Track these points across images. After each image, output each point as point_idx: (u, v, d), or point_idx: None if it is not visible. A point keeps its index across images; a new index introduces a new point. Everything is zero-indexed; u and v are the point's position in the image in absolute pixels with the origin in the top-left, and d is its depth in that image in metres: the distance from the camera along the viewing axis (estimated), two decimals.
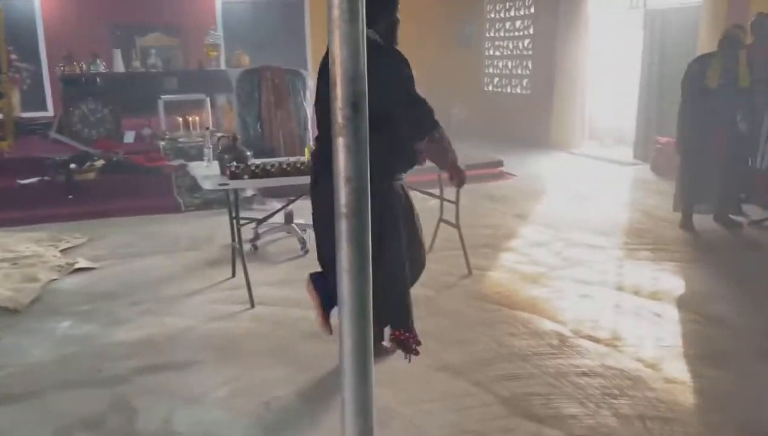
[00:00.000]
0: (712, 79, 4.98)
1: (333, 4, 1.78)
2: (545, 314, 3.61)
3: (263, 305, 3.79)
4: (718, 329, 3.41)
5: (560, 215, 5.76)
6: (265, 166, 3.70)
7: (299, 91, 5.05)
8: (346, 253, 2.03)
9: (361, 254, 2.08)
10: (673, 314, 3.61)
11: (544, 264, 4.47)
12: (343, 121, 1.86)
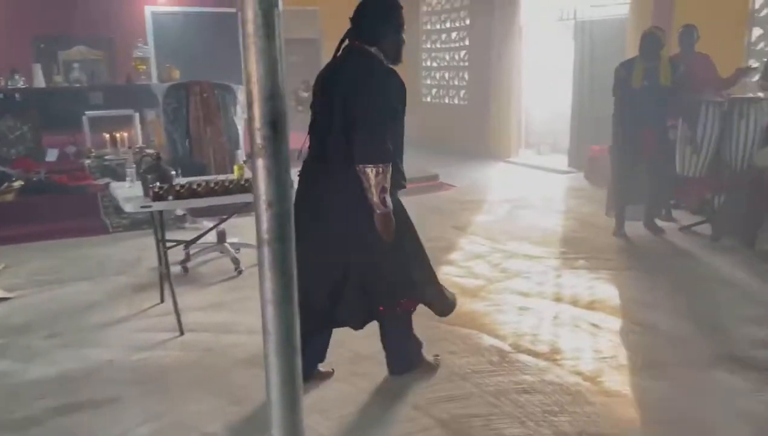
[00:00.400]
0: (636, 80, 5.10)
1: (248, 19, 1.65)
2: (485, 329, 3.56)
3: (193, 332, 3.60)
4: (654, 338, 3.44)
5: (498, 226, 5.77)
6: (192, 186, 3.52)
7: (229, 106, 4.87)
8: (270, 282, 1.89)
9: (287, 283, 1.95)
10: (610, 323, 3.62)
11: (483, 277, 4.44)
12: (262, 142, 1.73)
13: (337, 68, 2.67)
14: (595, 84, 8.60)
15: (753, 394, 2.83)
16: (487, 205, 6.66)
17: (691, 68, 5.45)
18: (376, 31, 2.63)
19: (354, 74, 2.58)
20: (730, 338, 3.38)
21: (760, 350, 3.24)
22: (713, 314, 3.72)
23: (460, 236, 5.47)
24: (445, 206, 6.57)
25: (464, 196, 7.12)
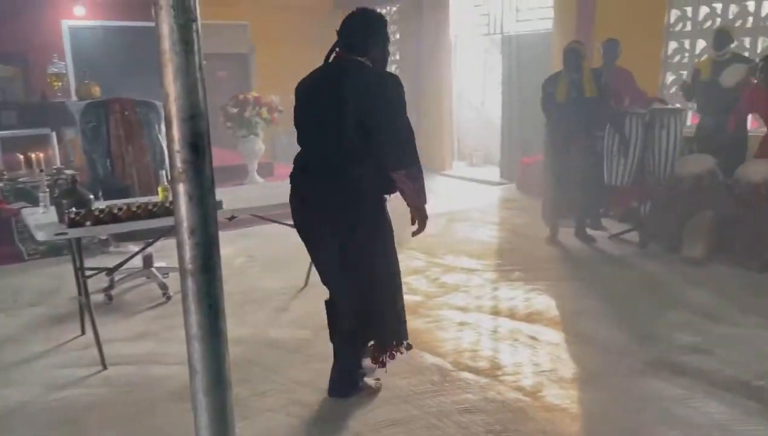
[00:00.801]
0: (561, 93, 5.22)
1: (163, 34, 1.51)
2: (426, 348, 3.50)
3: (117, 366, 3.37)
4: (591, 348, 3.47)
5: (435, 239, 5.75)
6: (112, 210, 3.31)
7: (153, 124, 4.65)
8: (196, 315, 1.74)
9: (213, 316, 1.80)
10: (548, 335, 3.63)
11: (422, 292, 4.39)
12: (183, 166, 1.59)
13: (332, 77, 2.67)
14: (523, 96, 8.78)
15: (686, 401, 2.87)
16: None
17: (612, 81, 5.61)
18: (367, 43, 2.68)
19: (360, 82, 2.59)
20: (661, 345, 3.45)
21: (690, 355, 3.31)
22: (645, 321, 3.79)
23: (398, 252, 5.40)
24: None
25: (399, 209, 7.06)
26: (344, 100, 2.56)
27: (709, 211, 4.90)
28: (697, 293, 4.21)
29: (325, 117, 2.62)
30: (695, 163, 5.15)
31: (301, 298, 4.35)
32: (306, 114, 2.75)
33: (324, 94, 2.66)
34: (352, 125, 2.55)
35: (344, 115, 2.55)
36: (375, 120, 2.54)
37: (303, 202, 2.77)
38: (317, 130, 2.68)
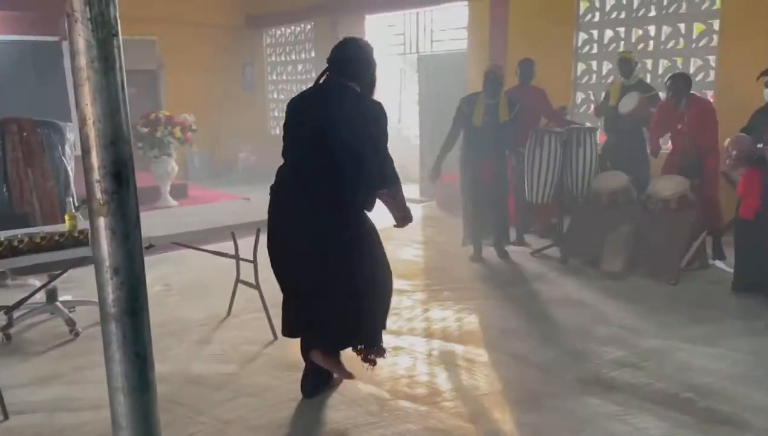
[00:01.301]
0: (478, 117, 5.32)
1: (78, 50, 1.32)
2: (361, 376, 3.37)
3: (21, 415, 3.03)
4: (525, 368, 3.46)
5: None
6: (12, 242, 2.99)
7: (56, 145, 4.29)
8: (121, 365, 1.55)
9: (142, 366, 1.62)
10: (482, 356, 3.61)
11: None
12: (104, 197, 1.41)
13: (325, 99, 2.83)
14: (440, 115, 8.88)
15: (622, 417, 2.90)
16: None
17: (527, 100, 5.76)
18: (360, 70, 2.89)
19: (350, 107, 2.79)
20: (592, 361, 3.49)
21: (619, 370, 3.37)
22: (574, 337, 3.84)
23: None
24: None
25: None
26: (334, 122, 2.74)
27: (626, 226, 5.09)
28: (620, 308, 4.33)
29: (315, 135, 2.77)
30: (611, 179, 5.35)
31: (225, 328, 4.12)
32: (296, 130, 2.89)
33: (315, 113, 2.82)
34: (339, 145, 2.72)
35: (333, 135, 2.72)
36: (362, 145, 2.75)
37: (283, 214, 2.88)
38: (306, 147, 2.82)
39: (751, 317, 4.08)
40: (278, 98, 12.04)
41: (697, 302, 4.40)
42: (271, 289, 4.48)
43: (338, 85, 2.85)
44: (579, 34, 7.41)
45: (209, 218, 4.00)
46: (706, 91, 6.45)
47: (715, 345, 3.66)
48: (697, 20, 6.49)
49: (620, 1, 7.01)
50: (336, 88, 2.85)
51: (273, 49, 12.02)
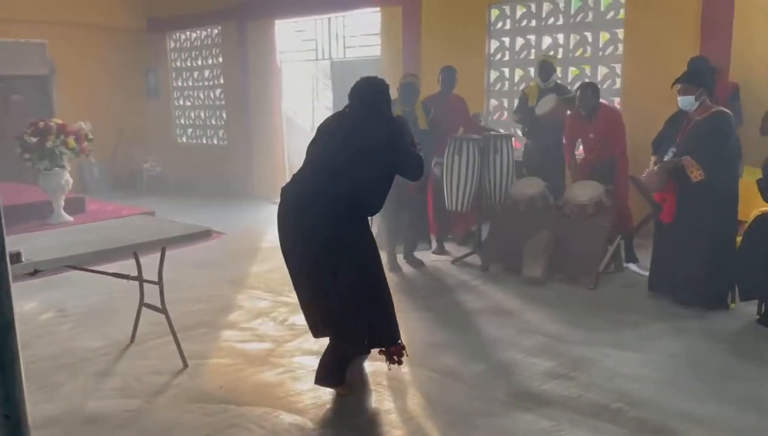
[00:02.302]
0: None
1: None
2: (281, 404, 3.12)
3: None
4: (454, 385, 3.33)
5: (278, 275, 5.36)
6: None
7: None
8: None
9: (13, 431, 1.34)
10: (410, 374, 3.44)
11: (270, 338, 4.00)
12: None
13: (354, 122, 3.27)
14: None
15: (554, 433, 2.81)
16: (262, 253, 6.23)
17: (449, 108, 5.70)
18: (383, 109, 3.34)
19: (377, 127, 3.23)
20: (521, 374, 3.41)
21: (548, 382, 3.30)
22: (501, 349, 3.75)
23: (237, 292, 4.96)
24: (215, 258, 5.98)
25: (236, 244, 6.61)
26: (365, 140, 3.16)
27: (544, 232, 5.10)
28: (543, 315, 4.30)
29: (344, 151, 3.16)
30: (528, 185, 5.36)
31: (128, 358, 3.74)
32: (325, 145, 3.26)
33: (346, 133, 3.23)
34: (367, 160, 3.12)
35: (363, 153, 3.13)
36: (394, 154, 3.21)
37: (297, 218, 3.14)
38: (333, 160, 3.17)
39: (669, 319, 4.15)
40: (184, 105, 11.49)
41: (617, 306, 4.45)
42: (179, 312, 4.17)
43: (366, 114, 3.28)
44: (491, 41, 7.47)
45: (108, 235, 3.61)
46: (613, 98, 6.64)
47: (639, 350, 3.68)
48: (602, 29, 6.67)
49: (530, 10, 7.11)
50: (362, 113, 3.29)
51: (178, 54, 11.45)
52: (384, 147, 3.16)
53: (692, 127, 4.22)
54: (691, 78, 4.20)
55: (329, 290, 3.12)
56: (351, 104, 3.35)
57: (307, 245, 3.11)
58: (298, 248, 3.18)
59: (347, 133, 3.23)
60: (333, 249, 3.06)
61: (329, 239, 3.05)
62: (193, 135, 11.43)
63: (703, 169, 4.08)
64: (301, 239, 3.13)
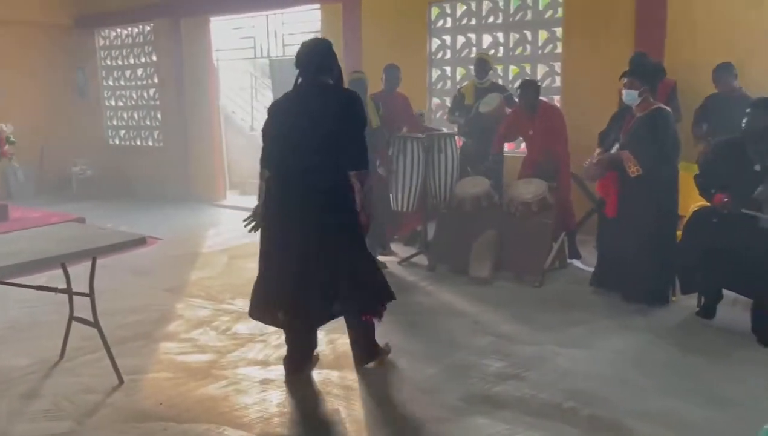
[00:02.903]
0: None
1: None
2: (225, 420, 2.96)
3: None
4: (406, 390, 3.23)
5: (219, 281, 5.17)
6: None
7: None
8: None
9: None
10: (361, 382, 3.33)
11: (212, 349, 3.81)
12: None
13: (312, 98, 3.20)
14: None
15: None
16: (201, 259, 5.98)
17: (394, 107, 5.63)
18: (328, 65, 3.24)
19: (334, 101, 3.18)
20: (474, 376, 3.35)
21: (501, 384, 3.25)
22: (452, 350, 3.69)
23: (176, 301, 4.73)
24: (152, 265, 5.70)
25: (173, 250, 6.33)
26: (325, 117, 3.12)
27: (490, 231, 5.08)
28: (492, 315, 4.27)
29: (310, 133, 3.12)
30: (473, 184, 5.34)
31: (57, 376, 3.48)
32: (287, 131, 3.20)
33: (307, 113, 3.16)
34: (331, 137, 3.10)
35: (327, 130, 3.11)
36: (345, 131, 3.13)
37: (284, 209, 3.18)
38: (301, 145, 3.14)
39: (615, 315, 4.20)
40: (116, 105, 11.01)
41: (564, 303, 4.47)
42: (113, 324, 3.94)
43: (318, 85, 3.21)
44: (432, 39, 7.44)
45: (33, 246, 3.33)
46: (552, 96, 6.73)
47: (587, 347, 3.69)
48: (541, 28, 6.74)
49: (470, 8, 7.12)
50: (317, 87, 3.21)
51: (108, 52, 10.96)
52: (337, 119, 3.12)
53: (634, 123, 4.29)
54: (638, 73, 4.27)
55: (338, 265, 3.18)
56: (302, 75, 3.24)
57: (305, 229, 3.14)
58: (297, 236, 3.16)
59: (312, 111, 3.17)
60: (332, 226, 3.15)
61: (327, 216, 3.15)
62: (127, 136, 10.97)
63: (640, 164, 4.15)
64: (299, 224, 3.15)
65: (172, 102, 10.04)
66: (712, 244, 3.86)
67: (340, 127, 3.11)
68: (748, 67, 5.36)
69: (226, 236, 7.00)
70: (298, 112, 3.18)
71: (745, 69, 5.31)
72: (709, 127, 5.27)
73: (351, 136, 3.15)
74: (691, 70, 5.57)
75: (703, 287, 4.13)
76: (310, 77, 3.21)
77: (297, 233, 3.15)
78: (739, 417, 2.87)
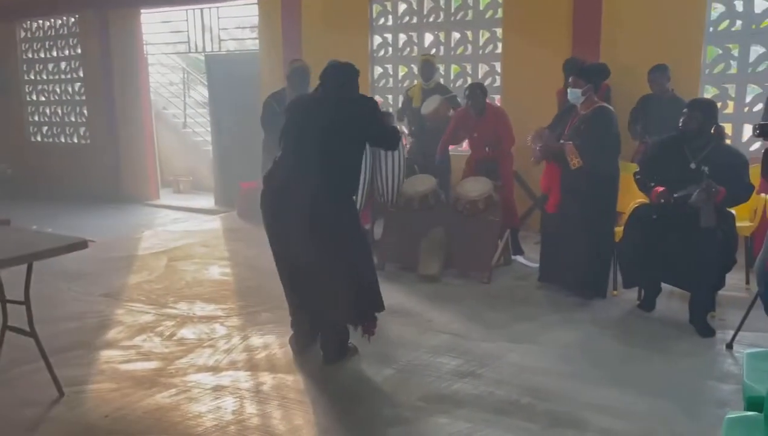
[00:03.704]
0: None
1: None
2: (178, 431, 2.84)
3: None
4: (366, 392, 3.21)
5: (159, 285, 4.97)
6: None
7: None
8: None
9: None
10: (315, 387, 3.27)
11: (157, 356, 3.65)
12: None
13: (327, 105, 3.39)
14: (236, 117, 8.34)
15: (471, 435, 2.78)
16: (139, 261, 5.74)
17: None
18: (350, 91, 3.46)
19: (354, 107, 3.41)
20: (431, 375, 3.35)
21: (458, 382, 3.27)
22: (406, 350, 3.68)
23: (115, 306, 4.51)
24: (86, 269, 5.41)
25: (107, 252, 6.04)
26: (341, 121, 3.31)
27: (438, 228, 5.11)
28: (443, 312, 4.29)
29: (323, 134, 3.26)
30: (420, 183, 5.35)
31: None
32: (302, 130, 3.37)
33: (321, 115, 3.33)
34: (347, 139, 3.32)
35: (341, 132, 3.29)
36: (372, 131, 3.46)
37: (282, 205, 3.29)
38: (313, 143, 3.26)
39: (562, 309, 4.30)
40: (38, 100, 10.44)
41: (512, 299, 4.55)
42: (49, 333, 3.72)
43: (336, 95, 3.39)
44: (374, 37, 7.42)
45: None
46: (493, 96, 6.84)
47: (538, 342, 3.76)
48: (482, 27, 6.84)
49: (411, 6, 7.14)
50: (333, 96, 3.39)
51: (29, 45, 10.37)
52: (366, 122, 3.37)
53: (578, 121, 4.41)
54: (583, 73, 4.39)
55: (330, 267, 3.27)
56: (324, 88, 3.42)
57: (296, 229, 3.23)
58: (288, 234, 3.30)
59: (323, 117, 3.32)
60: (323, 229, 3.21)
61: (318, 220, 3.19)
62: (50, 133, 10.43)
63: (581, 156, 4.28)
64: (291, 224, 3.24)
65: (98, 97, 9.61)
66: (652, 240, 4.01)
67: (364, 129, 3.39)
68: (679, 70, 5.61)
69: (163, 237, 6.75)
70: (315, 115, 3.36)
71: (675, 71, 5.56)
72: (643, 127, 5.50)
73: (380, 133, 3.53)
74: (626, 71, 5.78)
75: (643, 282, 4.29)
76: (331, 90, 3.40)
77: (295, 235, 3.27)
78: (683, 405, 2.99)
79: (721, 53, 5.88)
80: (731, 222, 3.92)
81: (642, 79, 5.53)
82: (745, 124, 5.80)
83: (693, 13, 5.74)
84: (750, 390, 2.17)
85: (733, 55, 5.82)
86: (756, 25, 5.70)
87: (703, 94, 5.83)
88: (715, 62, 5.89)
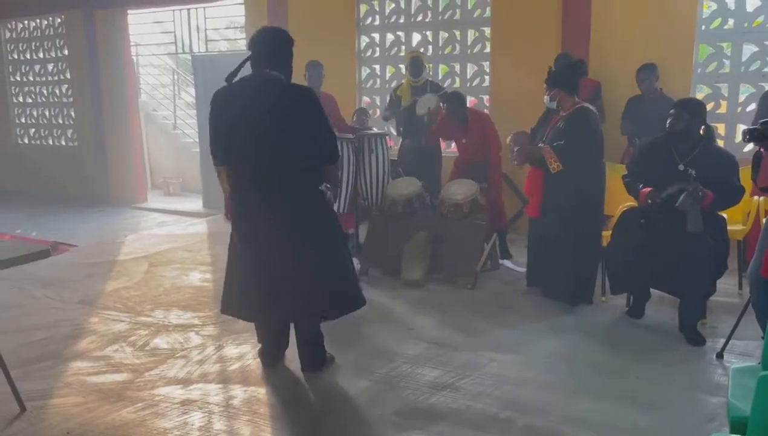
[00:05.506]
0: None
1: None
2: None
3: None
4: (337, 406, 3.09)
5: (137, 292, 4.84)
6: None
7: None
8: None
9: None
10: (293, 397, 3.15)
11: (127, 367, 3.53)
12: None
13: (259, 92, 3.02)
14: None
15: None
16: (119, 267, 5.61)
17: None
18: (280, 60, 3.09)
19: (292, 97, 3.04)
20: (408, 387, 3.23)
21: (436, 395, 3.14)
22: (384, 361, 3.55)
23: (89, 314, 4.38)
24: (64, 276, 5.29)
25: (88, 258, 5.91)
26: (275, 113, 2.99)
27: (422, 233, 4.99)
28: (426, 320, 4.17)
29: (260, 127, 2.99)
30: (404, 185, 5.23)
31: None
32: (235, 124, 3.04)
33: (253, 106, 3.00)
34: (285, 133, 2.99)
35: (279, 125, 2.98)
36: (311, 126, 3.03)
37: (252, 205, 3.10)
38: (253, 138, 3.01)
39: (548, 317, 4.18)
40: (24, 102, 10.32)
41: (497, 305, 4.43)
42: (15, 344, 3.61)
43: (266, 78, 3.03)
44: (361, 37, 7.30)
45: None
46: (482, 96, 6.72)
47: (520, 352, 3.64)
48: (470, 27, 6.72)
49: (399, 6, 7.03)
50: (264, 80, 3.03)
51: (15, 46, 10.25)
52: (308, 116, 3.03)
53: (558, 122, 4.30)
54: (547, 78, 4.31)
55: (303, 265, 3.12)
56: (253, 65, 3.10)
57: (268, 225, 3.08)
58: (260, 231, 3.12)
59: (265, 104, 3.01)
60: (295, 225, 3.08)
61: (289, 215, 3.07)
62: (37, 135, 10.31)
63: (562, 160, 4.16)
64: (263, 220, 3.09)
65: (86, 99, 9.49)
66: (640, 244, 3.89)
67: (303, 123, 3.01)
68: (671, 69, 5.50)
69: (146, 241, 6.63)
70: (253, 105, 3.01)
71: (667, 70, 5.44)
72: (632, 128, 5.38)
73: (320, 130, 3.07)
74: (616, 71, 5.67)
75: (631, 287, 4.17)
76: (261, 69, 3.05)
77: (262, 230, 3.10)
78: (668, 419, 2.88)
79: (714, 52, 5.77)
80: (722, 226, 3.80)
81: (633, 78, 5.42)
82: (738, 124, 5.68)
83: (684, 11, 5.63)
84: (734, 410, 2.05)
85: (726, 54, 5.71)
86: (748, 24, 5.59)
87: (695, 93, 5.73)
88: (707, 61, 5.78)
